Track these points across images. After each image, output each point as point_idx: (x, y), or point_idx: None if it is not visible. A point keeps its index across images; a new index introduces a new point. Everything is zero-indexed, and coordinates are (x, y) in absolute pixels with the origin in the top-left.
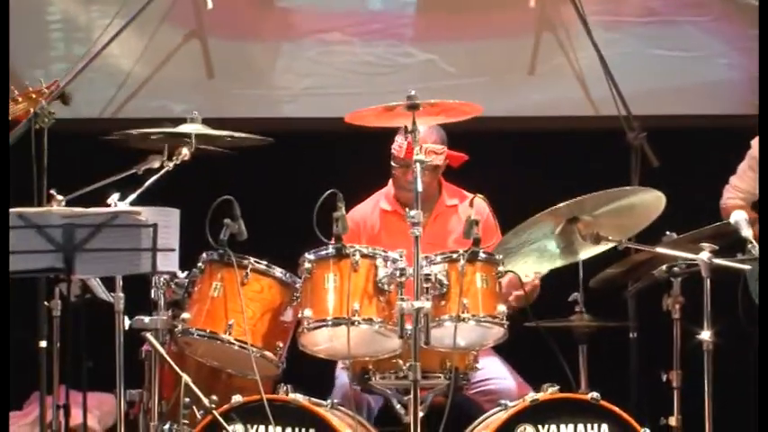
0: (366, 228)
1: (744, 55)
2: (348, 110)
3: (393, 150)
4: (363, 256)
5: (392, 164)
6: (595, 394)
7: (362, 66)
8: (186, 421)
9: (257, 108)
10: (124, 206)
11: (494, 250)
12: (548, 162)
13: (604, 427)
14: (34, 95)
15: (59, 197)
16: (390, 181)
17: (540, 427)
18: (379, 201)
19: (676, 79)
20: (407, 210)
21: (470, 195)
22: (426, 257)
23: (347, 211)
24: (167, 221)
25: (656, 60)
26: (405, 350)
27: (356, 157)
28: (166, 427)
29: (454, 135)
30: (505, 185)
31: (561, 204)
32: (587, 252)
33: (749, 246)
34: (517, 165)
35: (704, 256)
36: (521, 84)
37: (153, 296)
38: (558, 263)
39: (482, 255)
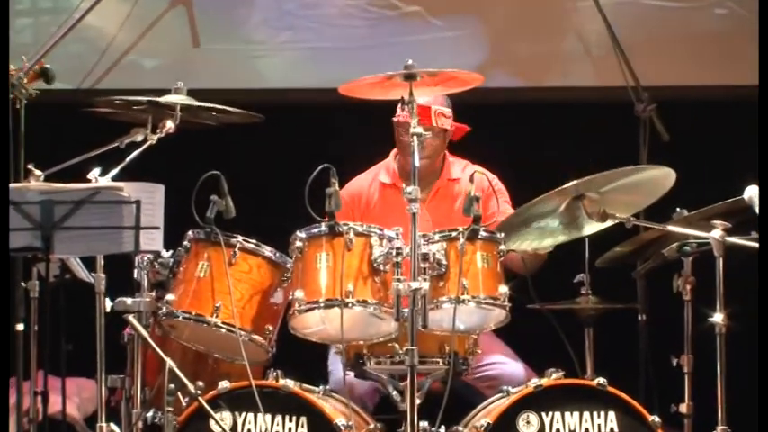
0: (361, 202)
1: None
2: (328, 65)
3: (400, 117)
4: (358, 234)
5: (400, 130)
6: (602, 380)
7: (345, 18)
8: (171, 408)
9: (233, 65)
10: (106, 182)
11: (496, 228)
12: (551, 136)
13: (611, 414)
14: (15, 73)
15: (38, 172)
16: (392, 153)
17: (543, 414)
18: (379, 173)
19: (688, 46)
20: (404, 185)
21: (475, 167)
22: (424, 236)
23: (343, 183)
24: (151, 198)
25: (664, 21)
26: (401, 334)
27: (351, 130)
28: (150, 414)
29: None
30: (506, 160)
31: (569, 184)
32: (592, 227)
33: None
34: (519, 138)
35: (716, 234)
36: (517, 45)
37: (136, 277)
38: (561, 239)
39: (483, 233)
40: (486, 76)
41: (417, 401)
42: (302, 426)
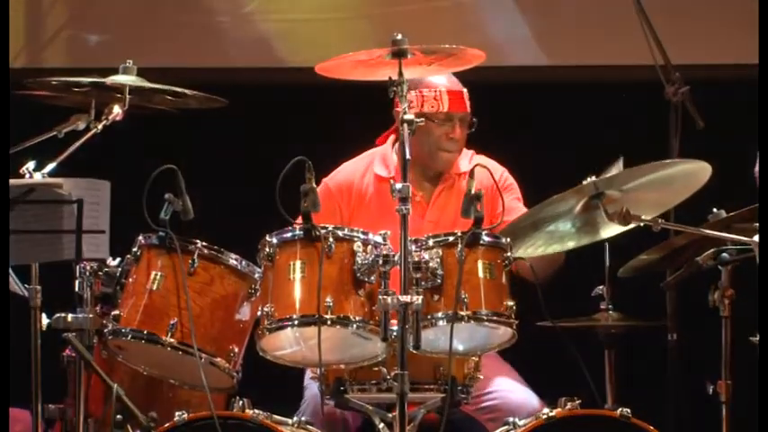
0: (352, 195)
1: None
2: (303, 40)
3: (425, 106)
4: (338, 239)
5: (429, 121)
6: (625, 410)
7: None
8: None
9: (191, 39)
10: (41, 177)
11: (501, 232)
12: (565, 123)
13: None
14: None
15: None
16: (390, 140)
17: None
18: (373, 163)
19: (726, 18)
20: (392, 181)
21: (481, 157)
22: (416, 241)
23: (320, 178)
24: (95, 196)
25: None
26: (389, 356)
27: (330, 116)
28: None
29: None
30: (512, 151)
31: (587, 181)
32: (610, 230)
33: None
34: (528, 124)
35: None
36: (527, 16)
37: (77, 289)
38: (571, 244)
39: (485, 238)
40: (490, 53)
41: None
42: None
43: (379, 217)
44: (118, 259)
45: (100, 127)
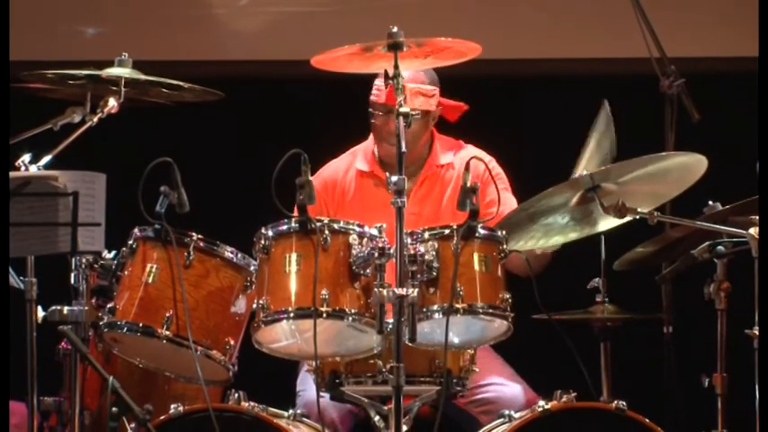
0: (335, 192)
1: None
2: (299, 33)
3: (372, 96)
4: (334, 231)
5: (370, 111)
6: (621, 403)
7: None
8: None
9: (187, 32)
10: (37, 170)
11: (497, 225)
12: (561, 116)
13: None
14: None
15: None
16: (372, 134)
17: None
18: (356, 159)
19: (721, 11)
20: (388, 174)
21: (467, 147)
22: (412, 234)
23: (315, 170)
24: (91, 189)
25: None
26: (385, 349)
27: (326, 109)
28: None
29: (447, 81)
30: (507, 144)
31: (583, 174)
32: (606, 223)
33: None
34: (524, 117)
35: (755, 231)
36: (523, 8)
37: (73, 282)
38: (572, 236)
39: (481, 231)
40: (486, 45)
41: (404, 428)
42: None
43: (360, 212)
44: (113, 252)
45: (95, 120)
